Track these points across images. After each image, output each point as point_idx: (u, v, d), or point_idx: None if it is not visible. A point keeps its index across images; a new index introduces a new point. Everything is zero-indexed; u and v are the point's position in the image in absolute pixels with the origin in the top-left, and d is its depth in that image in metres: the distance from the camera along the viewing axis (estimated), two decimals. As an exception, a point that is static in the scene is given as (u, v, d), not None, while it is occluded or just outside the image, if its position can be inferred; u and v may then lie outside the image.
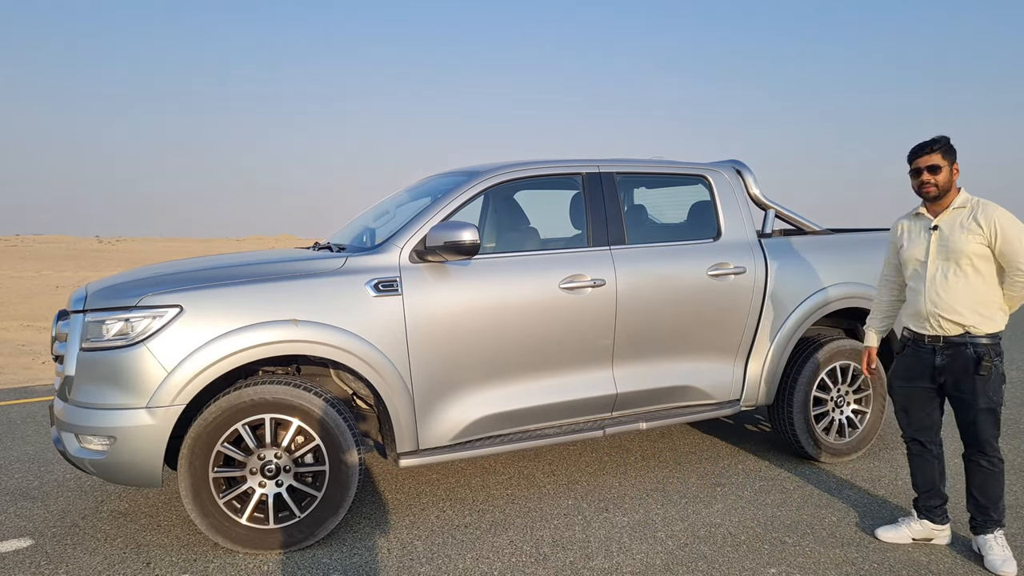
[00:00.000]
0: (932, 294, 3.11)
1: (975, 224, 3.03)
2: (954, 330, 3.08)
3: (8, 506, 3.87)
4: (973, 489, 3.19)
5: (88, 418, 3.09)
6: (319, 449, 3.27)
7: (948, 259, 3.08)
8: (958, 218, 3.09)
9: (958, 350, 3.08)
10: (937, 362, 3.14)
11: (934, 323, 3.12)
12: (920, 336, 3.20)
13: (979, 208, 3.06)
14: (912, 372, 3.25)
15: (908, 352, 3.27)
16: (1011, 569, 3.02)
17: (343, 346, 3.28)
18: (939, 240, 3.11)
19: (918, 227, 3.24)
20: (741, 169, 4.57)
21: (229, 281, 3.25)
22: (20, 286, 21.20)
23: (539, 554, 3.24)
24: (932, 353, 3.15)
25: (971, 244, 3.02)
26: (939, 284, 3.09)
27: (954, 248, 3.05)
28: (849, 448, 4.44)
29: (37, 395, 6.61)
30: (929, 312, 3.12)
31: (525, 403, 3.72)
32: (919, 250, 3.18)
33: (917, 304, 3.18)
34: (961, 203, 3.11)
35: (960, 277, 3.06)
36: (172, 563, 3.18)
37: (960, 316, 3.05)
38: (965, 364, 3.07)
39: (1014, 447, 4.71)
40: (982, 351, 3.04)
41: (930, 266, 3.13)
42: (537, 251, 3.93)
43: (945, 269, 3.09)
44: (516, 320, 3.64)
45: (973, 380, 3.06)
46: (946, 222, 3.12)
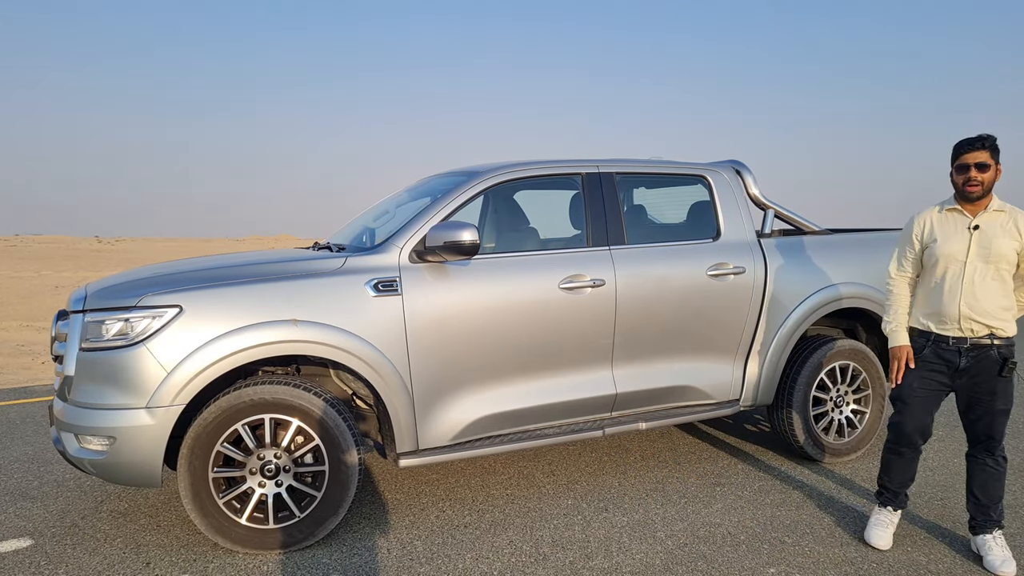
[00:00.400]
0: (969, 296, 3.03)
1: (1015, 229, 3.01)
2: (982, 332, 3.04)
3: (8, 506, 3.86)
4: (975, 488, 3.19)
5: (88, 418, 3.09)
6: (319, 449, 3.27)
7: (988, 261, 3.02)
8: (999, 221, 3.04)
9: (983, 352, 3.05)
10: (961, 364, 3.08)
11: (965, 325, 3.05)
12: (943, 337, 3.11)
13: (1017, 215, 3.04)
14: (931, 369, 3.15)
15: (927, 352, 3.16)
16: (1011, 569, 3.02)
17: (343, 346, 3.28)
18: (980, 241, 3.03)
19: (953, 224, 3.11)
20: (740, 169, 4.58)
21: (229, 281, 3.25)
22: (19, 286, 21.19)
23: (539, 554, 3.24)
24: (957, 355, 3.09)
25: (1010, 250, 3.00)
26: (977, 286, 3.02)
27: (995, 251, 3.00)
28: (848, 448, 4.45)
29: (36, 395, 6.60)
30: (963, 314, 3.04)
31: (525, 403, 3.72)
32: (958, 248, 3.06)
33: (947, 305, 3.08)
34: (999, 207, 3.06)
35: (996, 280, 3.03)
36: (172, 563, 3.18)
37: (992, 319, 3.02)
38: (990, 366, 3.05)
39: (1013, 447, 4.72)
40: (1006, 353, 3.04)
41: (968, 267, 3.04)
42: (537, 251, 3.93)
43: (984, 272, 3.03)
44: (516, 320, 3.65)
45: (996, 382, 3.05)
46: (987, 223, 3.04)
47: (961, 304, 3.04)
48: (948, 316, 3.08)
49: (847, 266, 4.46)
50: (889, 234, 4.84)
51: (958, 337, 3.08)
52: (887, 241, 4.73)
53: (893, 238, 4.80)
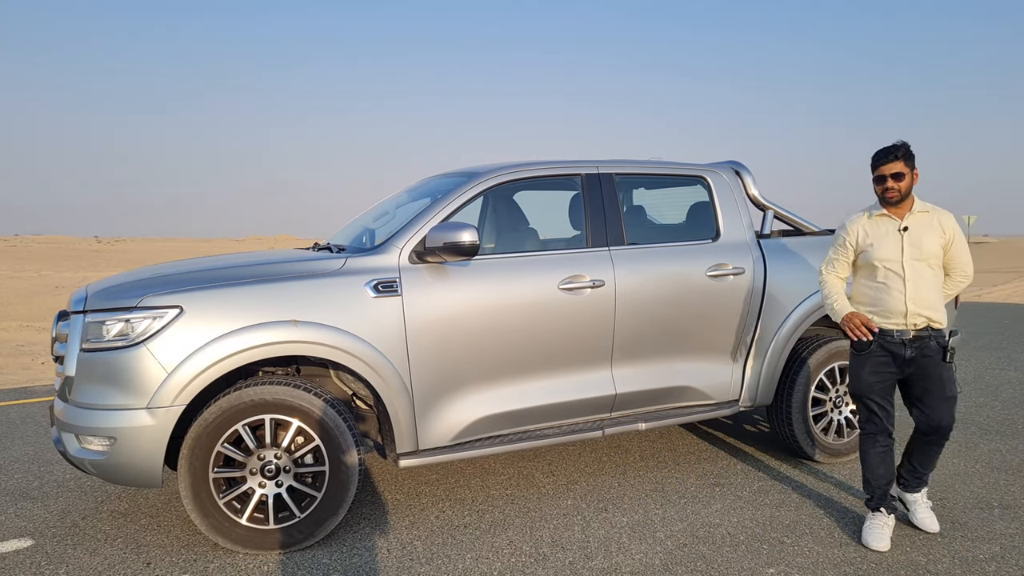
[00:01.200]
0: (913, 292, 3.26)
1: (939, 228, 3.30)
2: (923, 324, 3.29)
3: (8, 506, 3.87)
4: (915, 460, 3.47)
5: (88, 418, 3.09)
6: (319, 449, 3.28)
7: (920, 259, 3.27)
8: (925, 221, 3.31)
9: (925, 343, 3.29)
10: (907, 355, 3.31)
11: (911, 320, 3.28)
12: (887, 331, 3.32)
13: (940, 214, 3.33)
14: (880, 363, 3.35)
15: (875, 347, 3.34)
16: (935, 525, 3.43)
17: (343, 347, 3.29)
18: (910, 241, 3.28)
19: (884, 228, 3.35)
20: (740, 170, 4.58)
21: (229, 282, 3.25)
22: (19, 286, 21.18)
23: (538, 554, 3.24)
24: (902, 346, 3.30)
25: (936, 246, 3.28)
26: (918, 283, 3.27)
27: (925, 249, 3.27)
28: (848, 448, 4.45)
29: (36, 395, 6.61)
30: (909, 310, 3.27)
31: (524, 403, 3.73)
32: (891, 251, 3.30)
33: (891, 302, 3.30)
34: (923, 208, 3.33)
35: (930, 276, 3.30)
36: (172, 563, 3.19)
37: (931, 311, 3.27)
38: (933, 355, 3.29)
39: (1012, 447, 4.72)
40: (944, 342, 3.30)
41: (906, 266, 3.28)
42: (536, 252, 3.93)
43: (920, 269, 3.28)
44: (515, 321, 3.65)
45: (941, 369, 3.30)
46: (915, 224, 3.30)
47: (907, 300, 3.27)
48: (894, 312, 3.30)
49: (846, 267, 4.46)
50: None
51: (901, 330, 3.30)
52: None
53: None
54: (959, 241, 3.33)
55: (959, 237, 3.34)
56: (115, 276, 3.76)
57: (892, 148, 3.26)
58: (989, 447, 4.73)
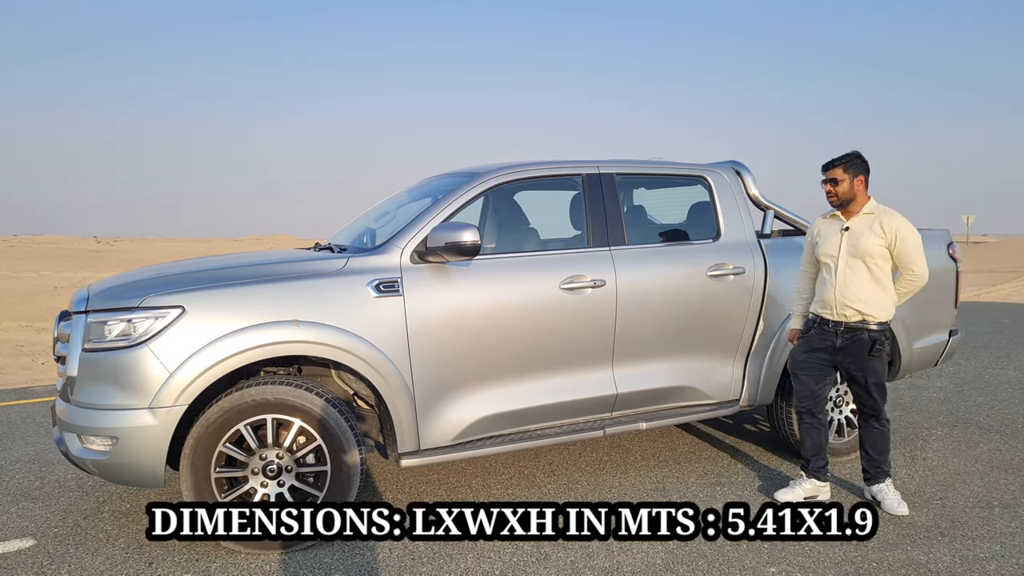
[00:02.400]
0: (841, 285, 3.62)
1: (880, 229, 3.57)
2: (854, 317, 3.61)
3: (10, 507, 3.87)
4: (867, 447, 3.78)
5: (90, 418, 3.09)
6: (320, 449, 3.28)
7: (856, 256, 3.60)
8: (866, 222, 3.62)
9: (856, 334, 3.62)
10: (838, 343, 3.67)
11: (840, 311, 3.63)
12: (825, 320, 3.72)
13: (884, 216, 3.60)
14: (814, 346, 3.76)
15: (813, 332, 3.78)
16: (905, 509, 3.64)
17: (344, 346, 3.29)
18: (849, 240, 3.63)
19: (832, 228, 3.74)
20: (740, 170, 4.59)
21: (231, 282, 3.26)
22: (19, 286, 21.18)
23: (540, 553, 3.25)
24: (834, 335, 3.68)
25: (874, 246, 3.56)
26: (847, 278, 3.61)
27: (861, 248, 3.58)
28: (847, 448, 4.46)
29: (37, 396, 6.61)
30: (837, 301, 3.63)
31: (525, 403, 3.74)
32: (832, 247, 3.69)
33: (826, 294, 3.70)
34: (870, 210, 3.64)
35: (863, 272, 3.59)
36: (174, 563, 3.19)
37: (861, 304, 3.58)
38: (862, 347, 3.61)
39: (1012, 446, 4.73)
40: (875, 335, 3.61)
41: (840, 262, 3.64)
42: (537, 252, 3.94)
43: (853, 265, 3.61)
44: (516, 321, 3.66)
45: (867, 360, 3.61)
46: (856, 225, 3.64)
47: (836, 292, 3.64)
48: (828, 303, 3.69)
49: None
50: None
51: (835, 321, 3.66)
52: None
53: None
54: (905, 242, 3.55)
55: (905, 238, 3.54)
56: (117, 276, 3.76)
57: (837, 157, 3.65)
58: (989, 446, 4.74)
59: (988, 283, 21.00)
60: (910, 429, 5.17)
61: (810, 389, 3.80)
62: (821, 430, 3.83)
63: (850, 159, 3.63)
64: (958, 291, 4.90)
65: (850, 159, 3.63)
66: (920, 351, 4.76)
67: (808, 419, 3.84)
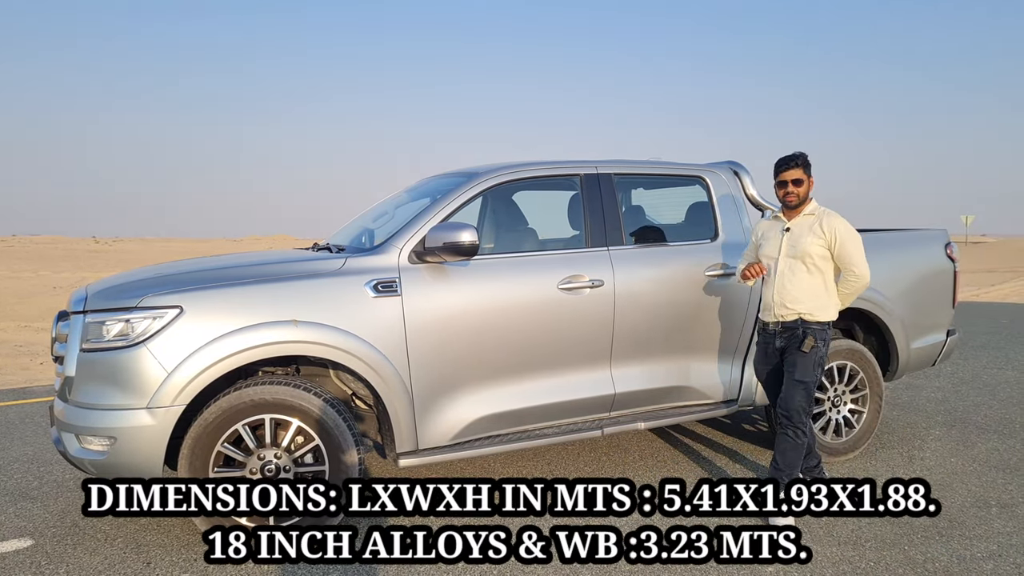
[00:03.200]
0: (779, 286, 3.61)
1: (820, 230, 3.55)
2: (791, 316, 3.59)
3: (8, 506, 3.87)
4: (777, 454, 3.63)
5: (88, 418, 3.10)
6: (319, 449, 3.28)
7: (795, 257, 3.58)
8: (807, 223, 3.60)
9: (793, 333, 3.61)
10: (778, 344, 3.67)
11: (778, 311, 3.62)
12: (766, 324, 3.72)
13: (824, 217, 3.58)
14: (766, 355, 3.77)
15: (760, 339, 3.82)
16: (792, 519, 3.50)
17: (342, 347, 3.29)
18: (789, 241, 3.62)
19: (774, 229, 3.73)
20: (738, 170, 4.59)
21: (229, 282, 3.26)
22: (17, 287, 21.16)
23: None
24: (775, 336, 3.68)
25: (814, 246, 3.54)
26: (786, 278, 3.60)
27: (801, 248, 3.56)
28: (846, 448, 4.46)
29: (35, 396, 6.61)
30: (775, 301, 3.63)
31: (524, 403, 3.74)
32: (773, 248, 3.69)
33: (767, 294, 3.70)
34: (811, 211, 3.63)
35: (802, 273, 3.57)
36: (172, 563, 3.19)
37: (799, 304, 3.57)
38: (795, 342, 3.59)
39: (1010, 446, 4.74)
40: (810, 332, 3.56)
41: (780, 262, 3.63)
42: (535, 252, 3.94)
43: (792, 266, 3.59)
44: (515, 321, 3.66)
45: (796, 355, 3.57)
46: (797, 226, 3.62)
47: (775, 293, 3.63)
48: (768, 303, 3.68)
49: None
50: (886, 235, 4.86)
51: (775, 322, 3.66)
52: (885, 242, 4.76)
53: (891, 239, 4.83)
54: (845, 243, 3.53)
55: (845, 239, 3.53)
56: (115, 276, 3.76)
57: (793, 156, 3.58)
58: (987, 446, 4.75)
59: (986, 283, 21.03)
60: (908, 429, 5.18)
61: (774, 391, 3.80)
62: (804, 440, 3.61)
63: (805, 158, 3.60)
64: (956, 291, 4.91)
65: (805, 158, 3.60)
66: (918, 351, 4.76)
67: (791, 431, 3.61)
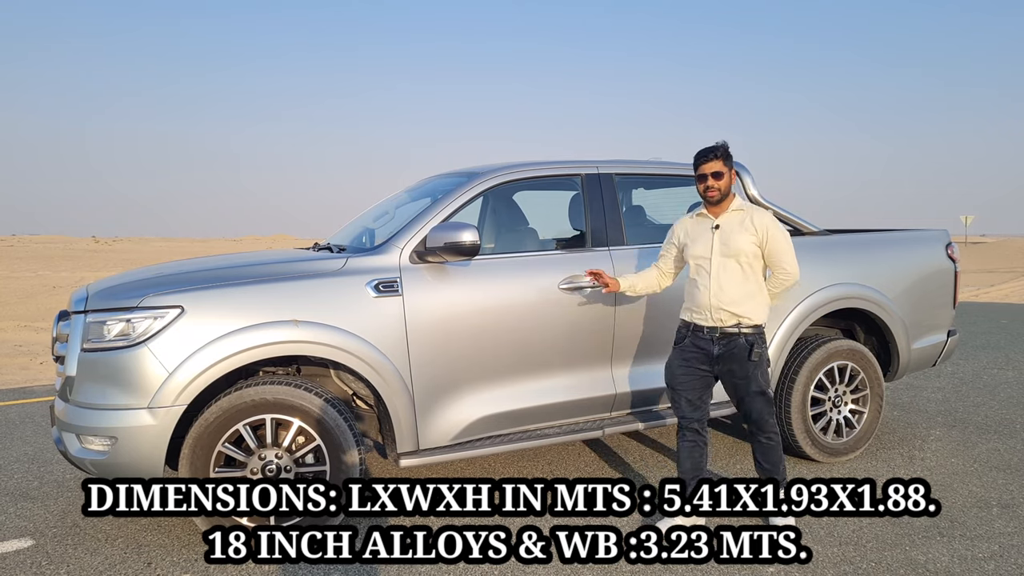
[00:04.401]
0: (716, 288, 3.34)
1: (751, 226, 3.34)
2: (730, 320, 3.34)
3: (8, 506, 3.87)
4: (759, 457, 3.49)
5: (89, 418, 3.09)
6: (319, 449, 3.28)
7: (728, 256, 3.35)
8: (737, 219, 3.38)
9: (732, 339, 3.35)
10: (715, 351, 3.38)
11: (715, 315, 3.35)
12: (699, 327, 3.41)
13: (754, 213, 3.39)
14: (690, 357, 3.43)
15: (687, 341, 3.46)
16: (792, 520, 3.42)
17: (343, 346, 3.29)
18: (721, 238, 3.37)
19: (702, 227, 3.46)
20: (739, 170, 4.58)
21: (230, 282, 3.26)
22: (17, 286, 21.16)
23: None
24: (711, 343, 3.38)
25: (747, 244, 3.33)
26: (722, 279, 3.34)
27: (733, 246, 3.33)
28: (846, 448, 4.46)
29: (35, 395, 6.61)
30: (712, 304, 3.34)
31: (525, 403, 3.74)
32: (703, 248, 3.41)
33: (699, 297, 3.39)
34: (739, 206, 3.42)
35: (736, 273, 3.34)
36: (173, 563, 3.19)
37: (736, 307, 3.32)
38: (740, 352, 3.33)
39: (1010, 447, 4.74)
40: (752, 339, 3.34)
41: (714, 262, 3.37)
42: (536, 252, 3.94)
43: (726, 265, 3.35)
44: (516, 321, 3.66)
45: (747, 366, 3.33)
46: (727, 223, 3.39)
47: (711, 296, 3.34)
48: (702, 306, 3.38)
49: (844, 267, 4.48)
50: (886, 235, 4.86)
51: (710, 327, 3.37)
52: (884, 242, 4.76)
53: (891, 239, 4.83)
54: (775, 240, 3.36)
55: (776, 236, 3.36)
56: (116, 276, 3.76)
57: (712, 148, 3.35)
58: (987, 446, 4.75)
59: (986, 283, 21.04)
60: (908, 429, 5.18)
61: (691, 404, 3.45)
62: (704, 448, 3.49)
63: (725, 149, 3.36)
64: (956, 291, 4.91)
65: (725, 149, 3.36)
66: (918, 351, 4.76)
67: (692, 436, 3.47)
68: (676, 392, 3.49)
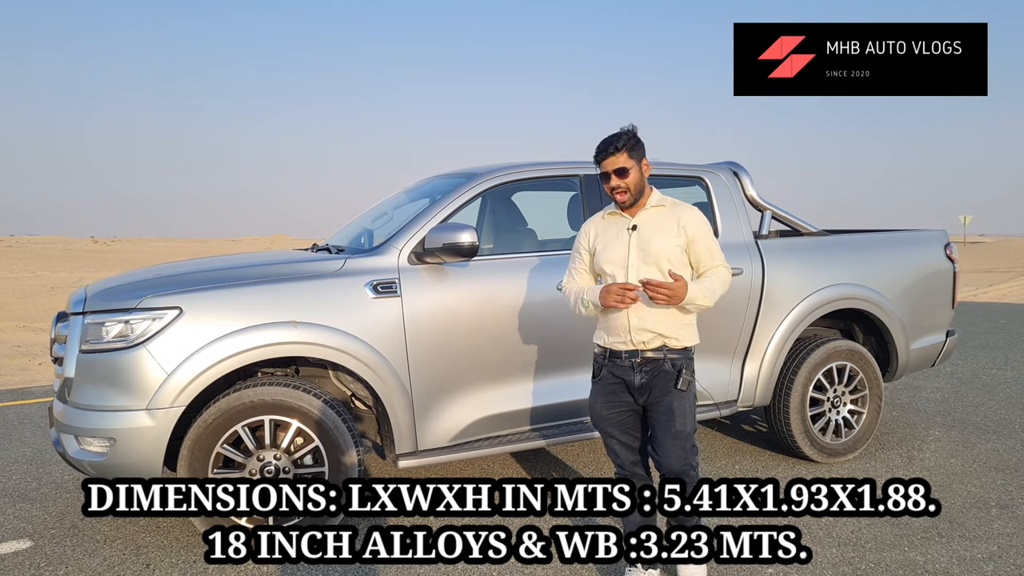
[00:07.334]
0: (636, 304, 2.67)
1: (675, 226, 2.73)
2: (654, 343, 2.71)
3: (7, 508, 3.87)
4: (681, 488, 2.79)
5: (88, 420, 3.09)
6: (318, 450, 3.28)
7: (648, 263, 2.71)
8: (656, 218, 2.76)
9: (656, 365, 2.71)
10: (637, 381, 2.73)
11: (635, 337, 2.70)
12: (617, 353, 2.76)
13: (678, 210, 2.77)
14: (611, 391, 2.80)
15: (604, 373, 2.81)
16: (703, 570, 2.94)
17: (342, 347, 3.29)
18: (638, 242, 2.73)
19: (615, 228, 2.81)
20: (738, 171, 4.59)
21: (229, 283, 3.26)
22: (16, 287, 21.15)
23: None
24: (631, 370, 2.73)
25: (671, 247, 2.71)
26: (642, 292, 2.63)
27: (653, 251, 2.70)
28: (845, 448, 4.46)
29: (34, 396, 6.60)
30: (631, 325, 2.70)
31: (523, 404, 3.73)
32: (619, 253, 2.76)
33: (615, 316, 2.73)
34: (658, 202, 2.79)
35: None
36: (172, 564, 3.19)
37: (661, 325, 2.70)
38: (665, 381, 2.71)
39: (1009, 447, 4.74)
40: (680, 364, 2.72)
41: (631, 272, 2.71)
42: (535, 252, 3.94)
43: (646, 274, 2.68)
44: (514, 321, 3.66)
45: (672, 397, 2.70)
46: (645, 222, 2.76)
47: (628, 313, 2.69)
48: (619, 328, 2.73)
49: (844, 267, 4.48)
50: (885, 236, 4.86)
51: (630, 351, 2.72)
52: (883, 243, 4.76)
53: (890, 240, 4.83)
54: (703, 239, 2.74)
55: (706, 232, 2.76)
56: (114, 277, 3.76)
57: (612, 139, 2.71)
58: (986, 447, 4.75)
59: (985, 283, 21.05)
60: (907, 430, 5.18)
61: (626, 448, 2.87)
62: None
63: (632, 139, 2.72)
64: (955, 292, 4.91)
65: (632, 139, 2.72)
66: (917, 351, 4.77)
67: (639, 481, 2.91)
68: (606, 435, 2.88)
